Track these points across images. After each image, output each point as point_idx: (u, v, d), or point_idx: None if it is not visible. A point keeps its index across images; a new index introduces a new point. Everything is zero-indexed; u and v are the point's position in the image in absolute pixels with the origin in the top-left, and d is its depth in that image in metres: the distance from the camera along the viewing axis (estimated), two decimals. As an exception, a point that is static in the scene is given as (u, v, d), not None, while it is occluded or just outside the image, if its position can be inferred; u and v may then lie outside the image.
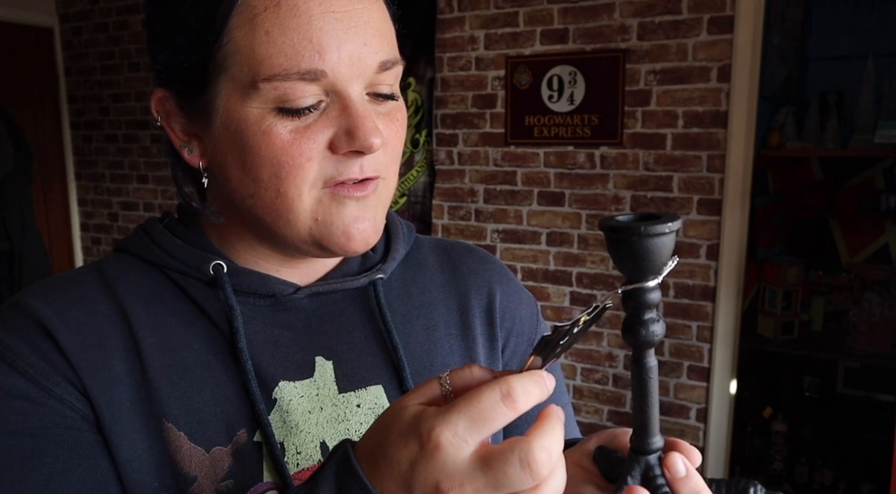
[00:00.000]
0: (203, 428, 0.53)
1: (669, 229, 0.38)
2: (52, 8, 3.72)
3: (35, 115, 3.66)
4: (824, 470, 2.89)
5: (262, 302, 0.59)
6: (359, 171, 0.53)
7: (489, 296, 0.68)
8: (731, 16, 2.29)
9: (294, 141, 0.51)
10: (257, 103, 0.51)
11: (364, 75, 0.52)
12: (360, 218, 0.54)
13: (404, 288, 0.66)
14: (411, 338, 0.63)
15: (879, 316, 2.72)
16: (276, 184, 0.52)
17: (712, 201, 2.41)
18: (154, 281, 0.58)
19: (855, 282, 2.90)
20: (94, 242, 3.88)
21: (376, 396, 0.60)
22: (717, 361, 2.47)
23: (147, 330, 0.55)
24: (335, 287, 0.61)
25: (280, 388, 0.56)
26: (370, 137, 0.51)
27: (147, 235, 0.60)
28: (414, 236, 0.70)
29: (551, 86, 2.60)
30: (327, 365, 0.59)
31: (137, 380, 0.53)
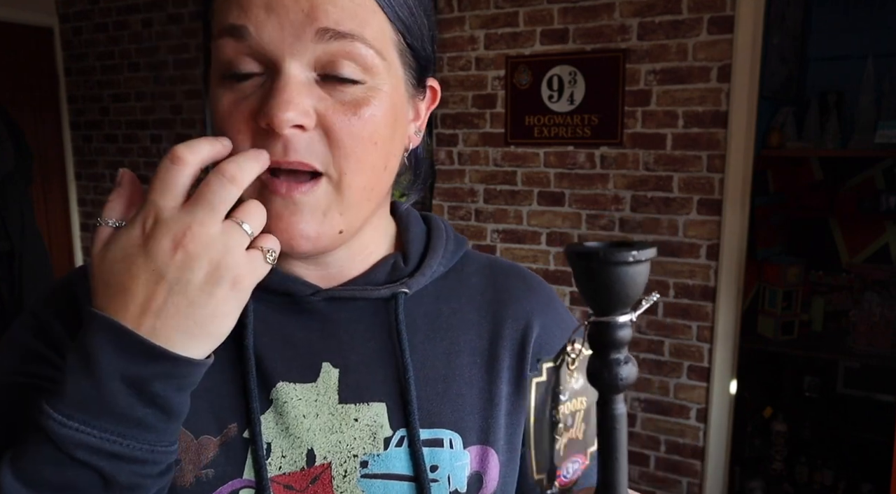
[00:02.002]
0: (196, 415, 0.54)
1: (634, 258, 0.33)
2: (52, 8, 3.72)
3: (35, 115, 3.66)
4: (824, 470, 2.88)
5: (279, 300, 0.58)
6: (281, 153, 0.49)
7: (526, 329, 0.63)
8: (731, 16, 2.29)
9: (230, 112, 0.50)
10: (214, 67, 0.52)
11: (300, 44, 0.48)
12: (285, 218, 0.50)
13: (435, 306, 0.62)
14: (429, 360, 0.60)
15: (879, 316, 2.72)
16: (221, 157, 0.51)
17: (712, 201, 2.41)
18: None
19: (855, 282, 2.90)
20: (94, 242, 3.88)
21: (377, 414, 0.57)
22: (717, 361, 2.47)
23: None
24: (356, 294, 0.58)
25: (278, 389, 0.56)
26: (279, 111, 0.47)
27: None
28: (462, 253, 0.66)
29: (551, 86, 2.60)
30: (333, 373, 0.57)
31: None
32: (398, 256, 0.62)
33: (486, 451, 0.60)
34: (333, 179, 0.51)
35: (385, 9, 0.51)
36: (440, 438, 0.58)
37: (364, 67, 0.50)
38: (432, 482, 0.56)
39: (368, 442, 0.57)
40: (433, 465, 0.57)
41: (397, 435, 0.57)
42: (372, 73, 0.51)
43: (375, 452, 0.56)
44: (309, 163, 0.50)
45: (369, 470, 0.56)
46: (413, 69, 0.56)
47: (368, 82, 0.51)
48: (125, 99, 3.63)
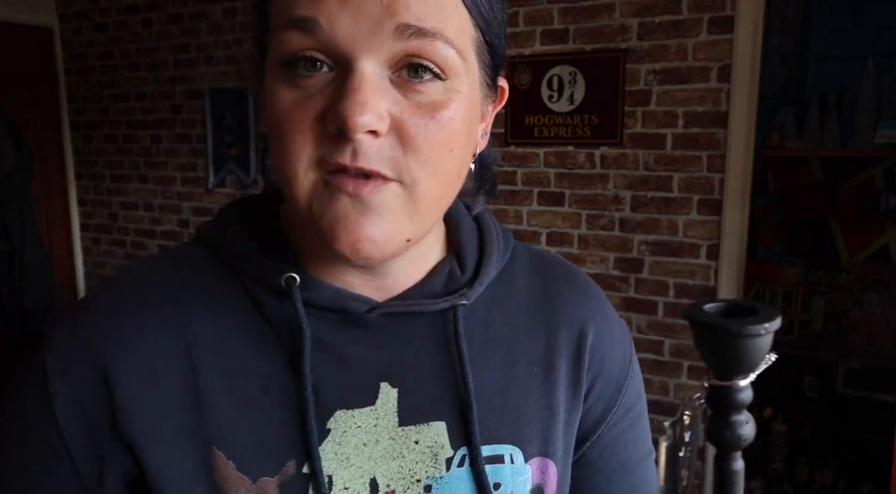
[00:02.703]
0: (252, 457, 0.50)
1: (766, 330, 0.34)
2: (52, 8, 3.72)
3: (35, 115, 3.66)
4: (824, 470, 2.89)
5: (334, 317, 0.53)
6: (350, 158, 0.45)
7: (581, 336, 0.60)
8: (731, 16, 2.29)
9: (290, 111, 0.46)
10: (272, 62, 0.47)
11: (376, 41, 0.44)
12: (352, 219, 0.46)
13: (488, 314, 0.58)
14: (486, 372, 0.56)
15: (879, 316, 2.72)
16: (278, 157, 0.48)
17: (712, 201, 2.41)
18: (226, 285, 0.54)
19: (855, 282, 2.90)
20: (94, 242, 3.88)
21: (437, 433, 0.54)
22: (717, 361, 2.47)
23: (208, 353, 0.51)
24: (414, 308, 0.55)
25: (336, 418, 0.52)
26: (351, 111, 0.43)
27: (224, 231, 0.56)
28: (511, 250, 0.62)
29: (551, 86, 2.60)
30: (391, 394, 0.54)
31: (190, 405, 0.50)
32: (453, 262, 0.58)
33: (546, 463, 0.58)
34: (406, 185, 0.47)
35: (467, 2, 0.47)
36: (501, 454, 0.56)
37: (444, 67, 0.46)
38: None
39: (430, 465, 0.54)
40: (496, 483, 0.55)
41: (458, 455, 0.55)
42: (451, 73, 0.47)
43: (438, 475, 0.54)
44: (379, 171, 0.45)
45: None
46: (488, 68, 0.52)
47: (447, 83, 0.47)
48: (125, 99, 3.63)
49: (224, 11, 3.24)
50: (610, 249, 2.61)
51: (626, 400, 0.62)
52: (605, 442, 0.62)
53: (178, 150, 3.49)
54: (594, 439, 0.62)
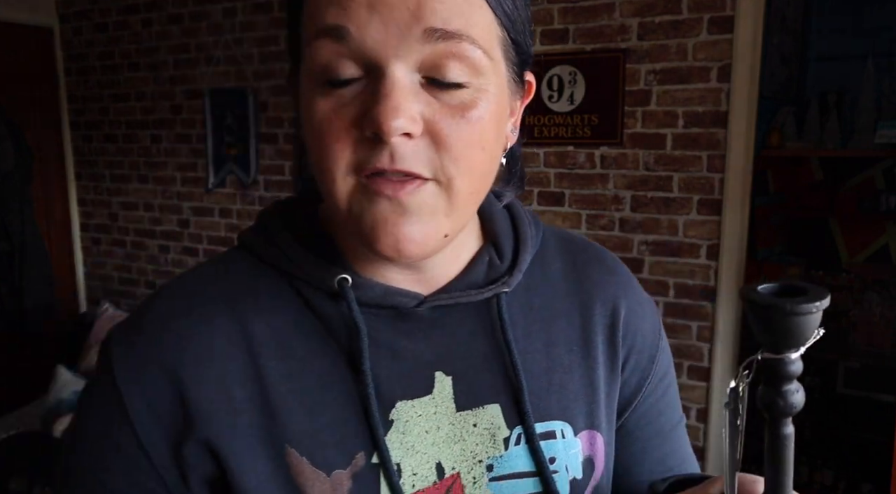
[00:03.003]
0: (323, 452, 0.52)
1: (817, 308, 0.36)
2: (52, 8, 3.72)
3: (35, 115, 3.66)
4: (824, 470, 2.89)
5: (384, 313, 0.56)
6: (388, 161, 0.46)
7: (613, 312, 0.63)
8: (731, 16, 2.29)
9: (328, 119, 0.47)
10: (307, 71, 0.49)
11: (405, 46, 0.45)
12: (391, 221, 0.48)
13: (527, 299, 0.61)
14: (530, 354, 0.60)
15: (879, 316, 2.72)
16: (318, 164, 0.49)
17: (712, 201, 2.41)
18: (277, 289, 0.56)
19: (855, 282, 2.90)
20: (94, 242, 3.88)
21: (493, 415, 0.57)
22: (717, 361, 2.47)
23: (269, 353, 0.54)
24: (459, 299, 0.57)
25: (397, 409, 0.55)
26: (386, 118, 0.44)
27: (270, 237, 0.57)
28: (541, 235, 0.65)
29: (551, 86, 2.60)
30: (446, 382, 0.57)
31: (259, 407, 0.52)
32: (491, 252, 0.60)
33: (594, 435, 0.61)
34: (442, 184, 0.48)
35: (491, 3, 0.48)
36: (552, 430, 0.59)
37: (472, 68, 0.47)
38: (553, 473, 0.57)
39: (490, 446, 0.57)
40: (551, 457, 0.58)
41: (514, 434, 0.57)
42: (479, 73, 0.48)
43: (497, 454, 0.57)
44: (416, 172, 0.47)
45: (495, 473, 0.57)
46: (515, 65, 0.54)
47: (475, 84, 0.48)
48: (125, 99, 3.63)
49: (224, 11, 3.24)
50: (610, 249, 2.58)
51: (659, 370, 0.66)
52: (642, 412, 0.66)
53: (178, 150, 3.49)
54: (631, 409, 0.65)
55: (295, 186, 3.17)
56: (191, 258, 3.53)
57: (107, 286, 3.87)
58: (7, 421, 2.96)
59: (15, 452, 2.58)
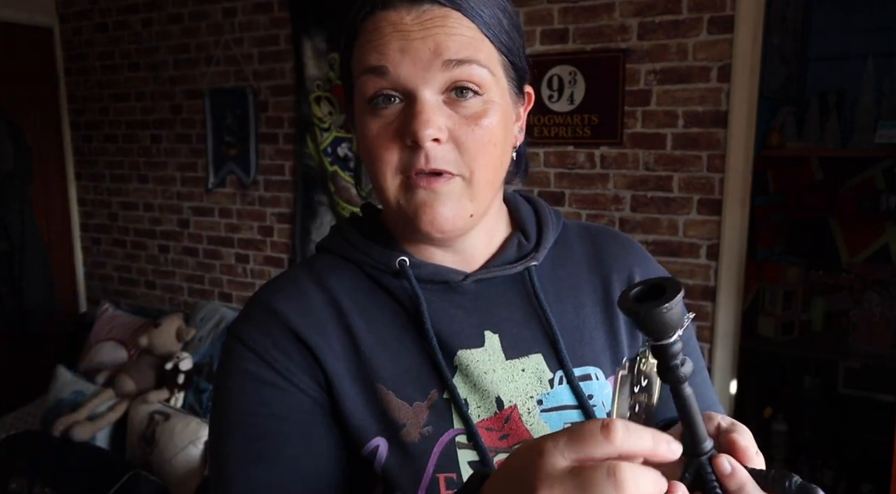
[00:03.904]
0: (405, 388, 0.66)
1: (667, 308, 0.44)
2: (52, 8, 3.72)
3: (35, 115, 3.66)
4: (824, 470, 2.88)
5: (438, 287, 0.71)
6: (423, 162, 0.62)
7: (629, 278, 0.77)
8: (731, 16, 2.29)
9: (378, 134, 0.64)
10: (359, 101, 0.65)
11: (430, 75, 0.61)
12: (430, 205, 0.63)
13: (554, 272, 0.76)
14: (563, 315, 0.73)
15: (879, 316, 2.72)
16: (373, 171, 0.65)
17: (712, 201, 2.41)
18: (353, 275, 0.72)
19: (855, 282, 2.90)
20: (94, 242, 3.88)
21: (537, 362, 0.70)
22: (717, 361, 2.47)
23: (355, 315, 0.69)
24: (496, 274, 0.72)
25: (459, 356, 0.68)
26: (420, 129, 0.60)
27: (342, 235, 0.74)
28: (562, 223, 0.80)
29: (551, 86, 2.60)
30: (494, 338, 0.70)
31: (353, 355, 0.67)
32: (518, 235, 0.75)
33: None
34: (466, 177, 0.64)
35: (491, 38, 0.64)
36: (588, 373, 0.72)
37: (480, 85, 0.63)
38: (593, 407, 0.69)
39: (538, 385, 0.69)
40: (589, 394, 0.70)
41: (557, 376, 0.70)
42: (486, 88, 0.64)
43: (545, 392, 0.70)
44: (446, 169, 0.63)
45: (545, 406, 0.69)
46: (514, 80, 0.69)
47: (484, 97, 0.64)
48: (125, 99, 3.63)
49: (224, 11, 3.24)
50: (610, 249, 2.60)
51: None
52: None
53: (178, 150, 3.49)
54: None
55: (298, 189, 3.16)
56: (191, 258, 3.53)
57: (107, 286, 3.87)
58: (7, 421, 2.96)
59: (15, 452, 2.58)
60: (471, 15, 0.63)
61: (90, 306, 3.87)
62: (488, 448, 0.66)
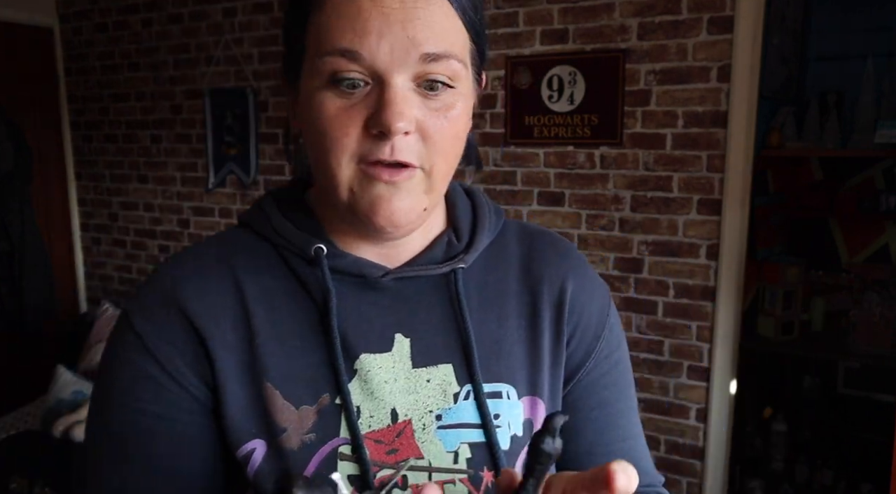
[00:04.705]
0: (294, 389, 0.62)
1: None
2: (52, 8, 3.72)
3: (35, 115, 3.66)
4: (824, 470, 2.88)
5: (355, 281, 0.65)
6: (389, 153, 0.57)
7: (561, 291, 0.71)
8: (731, 16, 2.29)
9: (337, 116, 0.57)
10: (317, 79, 0.58)
11: (405, 64, 0.56)
12: (386, 198, 0.59)
13: (483, 277, 0.70)
14: (484, 325, 0.68)
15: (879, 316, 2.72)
16: (323, 154, 0.59)
17: (712, 201, 2.41)
18: (267, 256, 0.67)
19: (855, 282, 2.90)
20: (94, 242, 3.88)
21: (445, 374, 0.65)
22: (717, 361, 2.47)
23: (258, 304, 0.64)
24: (420, 273, 0.66)
25: (361, 360, 0.63)
26: (392, 120, 0.55)
27: (264, 213, 0.68)
28: (501, 223, 0.74)
29: (551, 86, 2.60)
30: (405, 342, 0.65)
31: (247, 347, 0.63)
32: (451, 234, 0.70)
33: (535, 401, 0.68)
34: (426, 170, 0.60)
35: (467, 26, 0.60)
36: (499, 391, 0.66)
37: (453, 78, 0.59)
38: (496, 428, 0.65)
39: (440, 399, 0.65)
40: (495, 414, 0.65)
41: (464, 390, 0.65)
42: (457, 81, 0.60)
43: (447, 406, 0.65)
44: (410, 161, 0.58)
45: (443, 422, 0.64)
46: (476, 66, 0.64)
47: (454, 89, 0.59)
48: (125, 99, 3.63)
49: (224, 11, 3.24)
50: (610, 249, 2.61)
51: (604, 348, 0.72)
52: (585, 384, 0.72)
53: (178, 150, 3.49)
54: (575, 381, 0.72)
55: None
56: (191, 258, 3.53)
57: (107, 286, 3.87)
58: (7, 421, 2.96)
59: (15, 452, 2.58)
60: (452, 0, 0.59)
61: (90, 306, 3.87)
62: (373, 462, 0.61)
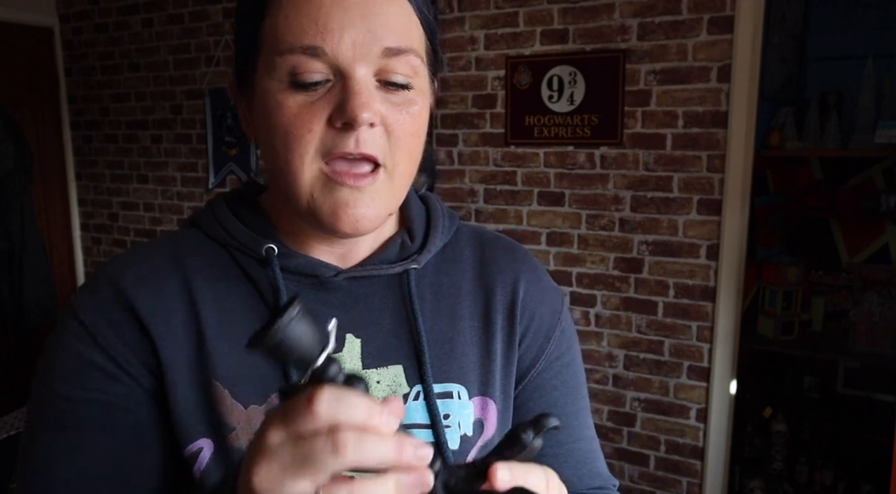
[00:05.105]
0: (244, 389, 0.61)
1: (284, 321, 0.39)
2: (52, 8, 3.72)
3: (35, 115, 3.66)
4: (824, 470, 2.89)
5: (307, 281, 0.65)
6: (354, 145, 0.56)
7: (513, 293, 0.72)
8: (731, 16, 2.29)
9: (299, 113, 0.56)
10: (275, 77, 0.57)
11: (367, 58, 0.56)
12: (351, 204, 0.58)
13: (437, 278, 0.70)
14: (436, 325, 0.68)
15: (879, 316, 2.72)
16: (284, 154, 0.58)
17: (712, 201, 2.41)
18: (218, 257, 0.66)
19: (855, 282, 2.89)
20: (94, 242, 3.88)
21: (395, 375, 0.65)
22: (717, 361, 2.47)
23: (207, 303, 0.63)
24: (373, 273, 0.66)
25: None
26: (358, 110, 0.55)
27: (214, 214, 0.67)
28: (455, 227, 0.74)
29: (551, 87, 2.60)
30: (356, 343, 0.65)
31: (196, 346, 0.62)
32: (404, 234, 0.70)
33: (486, 401, 0.68)
34: (388, 169, 0.59)
35: (422, 22, 0.61)
36: (450, 391, 0.67)
37: (413, 74, 0.59)
38: (446, 428, 0.65)
39: None
40: (445, 414, 0.66)
41: (414, 391, 0.65)
42: (417, 77, 0.60)
43: None
44: (374, 155, 0.57)
45: None
46: (433, 66, 0.64)
47: (415, 85, 0.60)
48: (125, 99, 3.63)
49: (224, 11, 3.24)
50: (610, 249, 2.61)
51: (555, 350, 0.73)
52: (535, 385, 0.72)
53: (178, 150, 3.49)
54: (526, 382, 0.72)
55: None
56: (191, 258, 3.53)
57: (107, 286, 3.87)
58: (7, 421, 2.96)
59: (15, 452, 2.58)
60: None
61: (90, 306, 3.87)
62: None
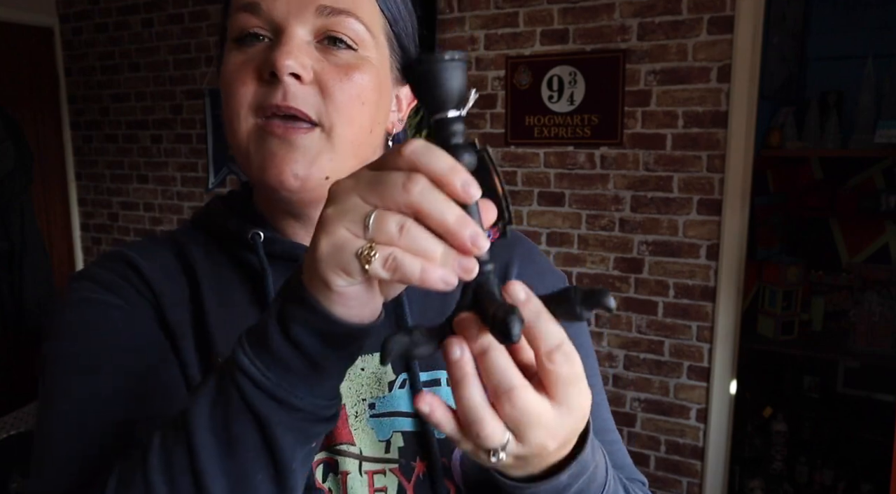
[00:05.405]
0: None
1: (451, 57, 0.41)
2: (52, 8, 3.72)
3: (35, 115, 3.66)
4: (824, 470, 2.89)
5: (291, 266, 0.65)
6: (281, 98, 0.57)
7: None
8: (731, 16, 2.29)
9: (236, 69, 0.59)
10: (228, 40, 0.61)
11: (302, 16, 0.57)
12: (279, 156, 0.58)
13: None
14: (425, 312, 0.67)
15: (879, 316, 2.72)
16: (226, 111, 0.60)
17: (712, 201, 2.41)
18: (213, 249, 0.68)
19: (855, 282, 2.90)
20: (95, 242, 3.88)
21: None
22: (717, 361, 2.47)
23: (208, 288, 0.65)
24: None
25: None
26: (280, 59, 0.55)
27: (207, 210, 0.71)
28: None
29: (551, 87, 2.60)
30: None
31: (198, 325, 0.64)
32: None
33: None
34: (326, 129, 0.59)
35: (383, 8, 0.61)
36: (437, 378, 0.66)
37: (355, 39, 0.59)
38: None
39: (375, 387, 0.65)
40: None
41: (399, 379, 0.65)
42: (362, 44, 0.60)
43: (381, 395, 0.65)
44: (304, 111, 0.57)
45: (376, 411, 0.64)
46: (399, 57, 0.64)
47: (358, 52, 0.59)
48: (125, 99, 3.63)
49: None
50: (610, 249, 2.61)
51: None
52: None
53: (178, 150, 3.49)
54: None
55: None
56: (191, 258, 3.53)
57: (107, 286, 3.87)
58: (7, 421, 2.96)
59: (15, 452, 2.58)
60: None
61: (90, 306, 3.87)
62: None
